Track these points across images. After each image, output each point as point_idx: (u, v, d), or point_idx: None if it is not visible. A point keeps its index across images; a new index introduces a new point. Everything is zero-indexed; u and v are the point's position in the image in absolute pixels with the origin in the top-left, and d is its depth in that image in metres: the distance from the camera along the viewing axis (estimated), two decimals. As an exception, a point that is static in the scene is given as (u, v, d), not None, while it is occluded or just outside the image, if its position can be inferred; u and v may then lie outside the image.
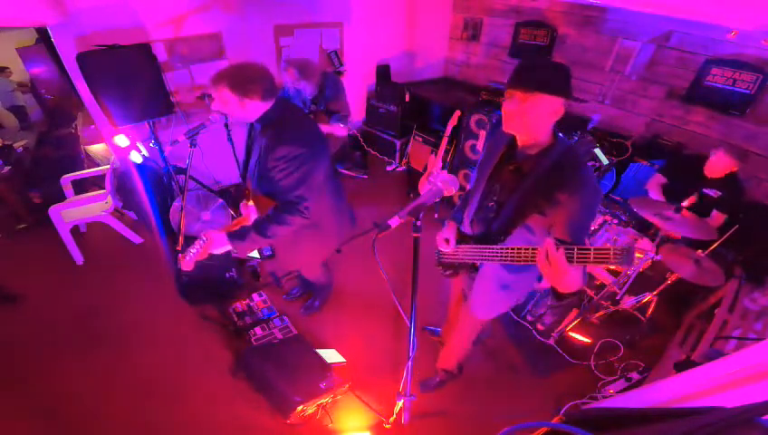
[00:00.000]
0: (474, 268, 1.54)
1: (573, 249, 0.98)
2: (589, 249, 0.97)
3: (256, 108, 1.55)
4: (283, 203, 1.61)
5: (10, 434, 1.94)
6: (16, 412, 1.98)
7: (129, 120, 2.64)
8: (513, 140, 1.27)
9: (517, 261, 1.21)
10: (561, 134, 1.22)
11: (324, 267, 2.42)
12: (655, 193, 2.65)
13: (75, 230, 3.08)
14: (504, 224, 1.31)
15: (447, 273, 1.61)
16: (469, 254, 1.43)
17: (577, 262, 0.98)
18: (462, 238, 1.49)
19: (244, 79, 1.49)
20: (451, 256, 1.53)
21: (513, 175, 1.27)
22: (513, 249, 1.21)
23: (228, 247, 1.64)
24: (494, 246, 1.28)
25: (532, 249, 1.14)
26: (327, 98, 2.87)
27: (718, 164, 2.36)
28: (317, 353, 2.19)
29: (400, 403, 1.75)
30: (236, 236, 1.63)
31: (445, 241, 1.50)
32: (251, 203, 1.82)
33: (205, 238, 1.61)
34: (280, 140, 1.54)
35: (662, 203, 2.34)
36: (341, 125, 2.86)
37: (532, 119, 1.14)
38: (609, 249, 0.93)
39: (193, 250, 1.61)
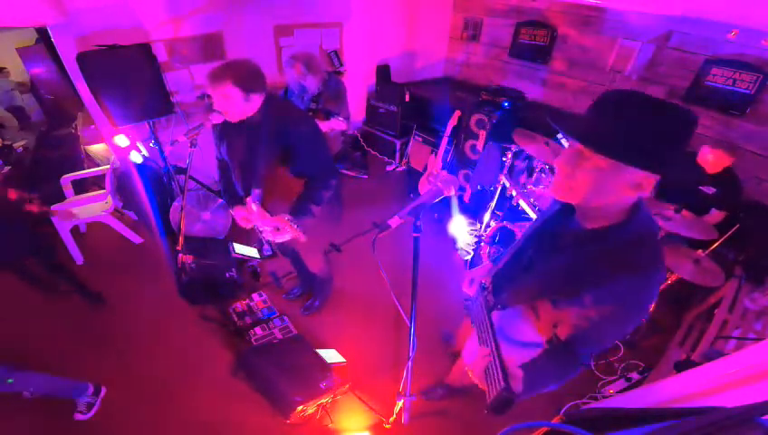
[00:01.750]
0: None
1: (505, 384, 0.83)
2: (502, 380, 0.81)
3: (256, 102, 1.59)
4: (320, 172, 1.74)
5: (12, 433, 1.94)
6: (16, 412, 1.98)
7: (129, 120, 2.64)
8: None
9: (481, 342, 1.02)
10: (645, 210, 0.84)
11: (326, 258, 2.41)
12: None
13: (75, 230, 3.08)
14: (513, 296, 1.12)
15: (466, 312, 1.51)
16: (474, 307, 1.26)
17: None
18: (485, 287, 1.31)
19: (249, 74, 1.54)
20: (468, 299, 1.40)
21: (551, 245, 1.00)
22: (490, 332, 1.01)
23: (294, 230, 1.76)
24: (485, 317, 1.08)
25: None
26: (327, 97, 2.86)
27: (706, 160, 2.31)
28: (317, 353, 2.19)
29: (400, 403, 1.76)
30: (302, 214, 1.74)
31: (470, 282, 1.34)
32: (254, 207, 1.78)
33: (273, 229, 1.73)
34: (295, 119, 1.65)
35: (662, 203, 2.34)
36: (340, 119, 2.86)
37: (595, 191, 0.80)
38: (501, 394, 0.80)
39: (274, 238, 1.76)
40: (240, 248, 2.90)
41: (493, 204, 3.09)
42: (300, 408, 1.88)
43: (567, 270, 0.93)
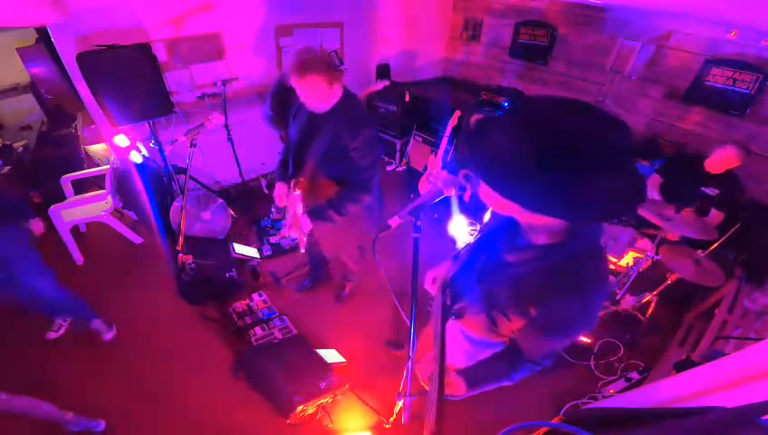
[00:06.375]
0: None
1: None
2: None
3: (337, 92, 1.59)
4: (355, 183, 1.69)
5: (9, 433, 1.94)
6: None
7: (129, 120, 2.64)
8: None
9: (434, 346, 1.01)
10: (586, 230, 0.81)
11: (360, 251, 2.42)
12: (653, 193, 2.65)
13: (75, 230, 3.08)
14: (466, 307, 1.13)
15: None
16: (434, 308, 1.19)
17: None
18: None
19: (332, 64, 1.55)
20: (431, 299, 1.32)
21: (499, 259, 0.98)
22: (440, 340, 0.99)
23: (310, 227, 1.79)
24: (439, 323, 1.05)
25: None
26: None
27: (722, 159, 2.30)
28: (317, 353, 2.20)
29: (400, 403, 1.75)
30: (318, 216, 1.74)
31: (432, 280, 1.28)
32: (298, 192, 1.80)
33: (292, 224, 1.78)
34: (361, 123, 1.61)
35: (662, 203, 2.34)
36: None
37: (494, 207, 0.81)
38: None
39: (295, 233, 1.81)
40: (240, 248, 2.90)
41: (493, 204, 3.08)
42: (300, 408, 1.88)
43: (514, 284, 0.93)
